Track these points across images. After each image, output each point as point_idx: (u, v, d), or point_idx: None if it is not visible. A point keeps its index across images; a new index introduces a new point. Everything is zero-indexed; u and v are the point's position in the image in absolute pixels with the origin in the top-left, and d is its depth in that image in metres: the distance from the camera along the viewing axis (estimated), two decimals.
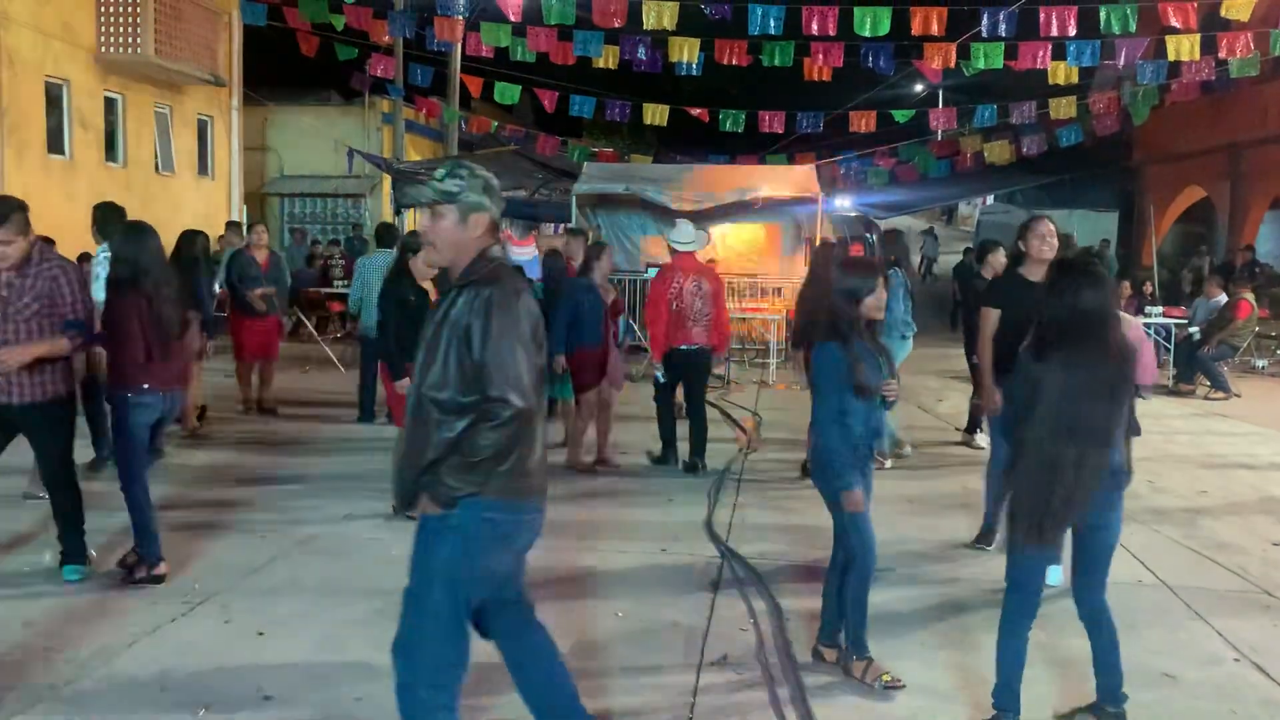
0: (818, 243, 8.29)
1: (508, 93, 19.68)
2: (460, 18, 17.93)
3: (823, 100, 21.31)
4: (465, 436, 2.98)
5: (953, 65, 17.06)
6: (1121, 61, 17.01)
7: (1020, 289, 5.75)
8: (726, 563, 5.76)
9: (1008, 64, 16.58)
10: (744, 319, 14.73)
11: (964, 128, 22.78)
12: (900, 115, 21.07)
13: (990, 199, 31.65)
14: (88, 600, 4.95)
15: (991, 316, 5.91)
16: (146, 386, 5.07)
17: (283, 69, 22.70)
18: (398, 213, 20.67)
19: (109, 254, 7.22)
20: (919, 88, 29.27)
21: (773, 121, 19.68)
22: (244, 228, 11.98)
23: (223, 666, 4.23)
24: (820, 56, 17.06)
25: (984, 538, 6.13)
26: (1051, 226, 5.92)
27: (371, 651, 4.28)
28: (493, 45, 17.15)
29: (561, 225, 23.54)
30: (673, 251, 8.28)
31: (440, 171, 3.10)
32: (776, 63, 17.09)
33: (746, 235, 16.80)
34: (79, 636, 4.50)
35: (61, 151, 16.44)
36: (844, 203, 27.17)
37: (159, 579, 5.15)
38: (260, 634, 4.59)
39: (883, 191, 25.48)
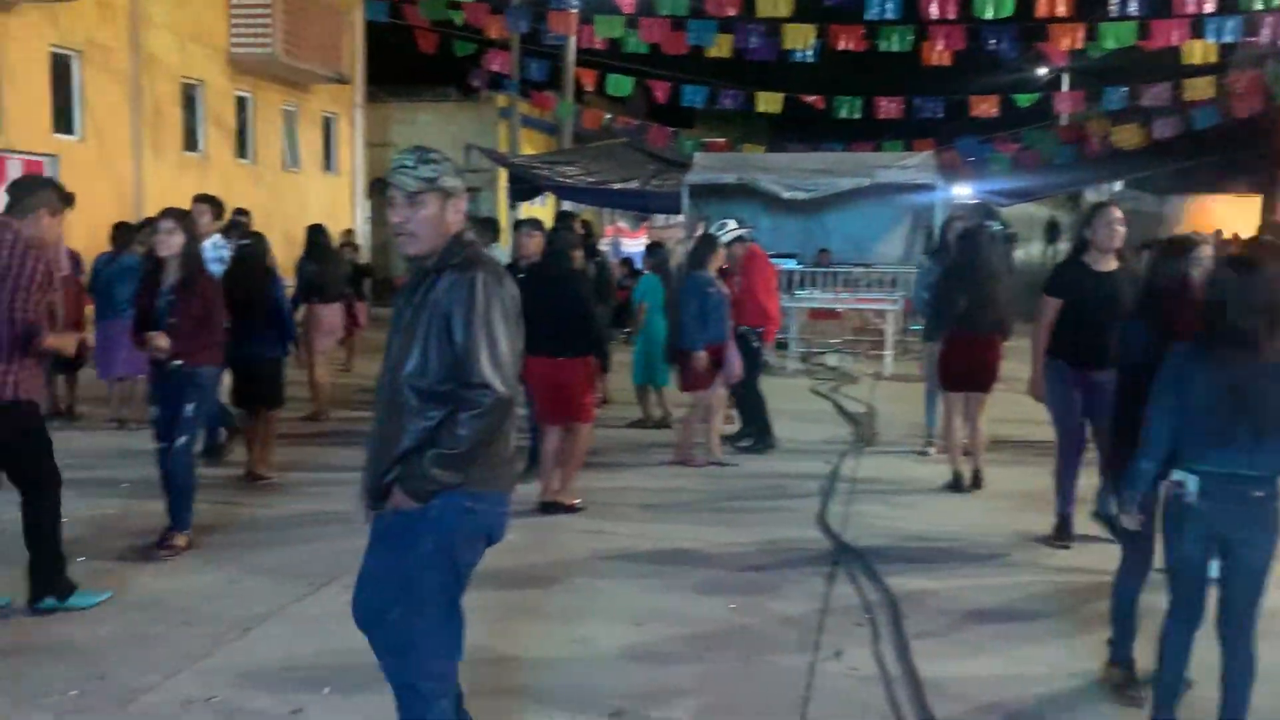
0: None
1: (621, 85, 19.76)
2: (574, 11, 18.07)
3: (942, 85, 20.78)
4: (444, 426, 2.82)
5: (1080, 46, 16.42)
6: (1266, 37, 16.11)
7: (1085, 278, 5.57)
8: (840, 557, 5.67)
9: (1139, 44, 15.87)
10: (858, 310, 14.48)
11: (1091, 111, 21.91)
12: (1023, 99, 20.41)
13: (1119, 185, 30.36)
14: (222, 578, 5.16)
15: (1051, 306, 5.72)
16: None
17: (402, 67, 23.25)
18: (513, 206, 20.99)
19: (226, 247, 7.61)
20: (1043, 70, 28.26)
21: (889, 107, 19.29)
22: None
23: (343, 647, 4.33)
24: (940, 40, 16.64)
25: (1061, 535, 5.91)
26: (1120, 214, 5.66)
27: (491, 637, 4.36)
28: (606, 37, 17.23)
29: (670, 218, 23.61)
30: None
31: (409, 159, 2.92)
32: (895, 48, 16.75)
33: (861, 224, 16.52)
34: (212, 613, 4.69)
35: (196, 149, 17.20)
36: (963, 190, 26.43)
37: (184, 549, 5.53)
38: None
39: (1004, 178, 24.71)
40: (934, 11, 15.82)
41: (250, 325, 6.84)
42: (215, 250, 7.41)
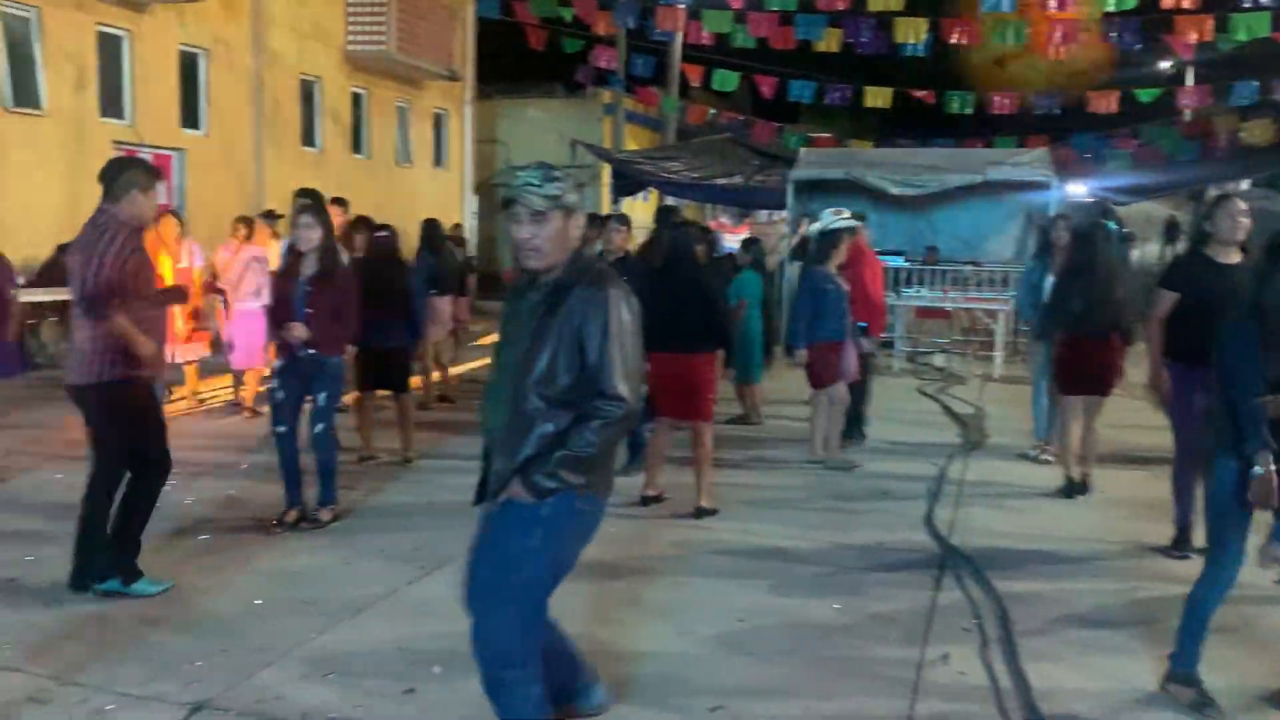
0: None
1: (727, 80, 19.70)
2: (682, 6, 18.09)
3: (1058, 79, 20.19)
4: (573, 431, 2.97)
5: (1209, 39, 15.76)
6: None
7: (1206, 272, 5.33)
8: (947, 560, 5.57)
9: (1275, 35, 15.16)
10: (967, 309, 14.17)
11: (1218, 106, 21.01)
12: (1145, 94, 19.69)
13: (1245, 183, 29.03)
14: (337, 559, 5.34)
15: (1166, 299, 5.50)
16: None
17: (510, 63, 23.61)
18: (616, 201, 21.11)
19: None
20: (1166, 64, 27.20)
21: (1003, 103, 18.83)
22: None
23: (452, 630, 4.43)
24: (1058, 34, 16.16)
25: (1179, 545, 5.68)
26: (1244, 205, 5.39)
27: (591, 626, 4.42)
28: (714, 32, 17.20)
29: (773, 214, 23.44)
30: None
31: (535, 176, 3.02)
32: (1009, 41, 16.32)
33: (971, 221, 16.14)
34: (328, 592, 4.86)
35: (313, 144, 17.74)
36: (1078, 188, 25.63)
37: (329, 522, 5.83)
38: None
39: (1122, 175, 23.87)
40: (1052, 5, 15.37)
41: (384, 314, 7.10)
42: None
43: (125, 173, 4.74)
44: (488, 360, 6.07)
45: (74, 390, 4.72)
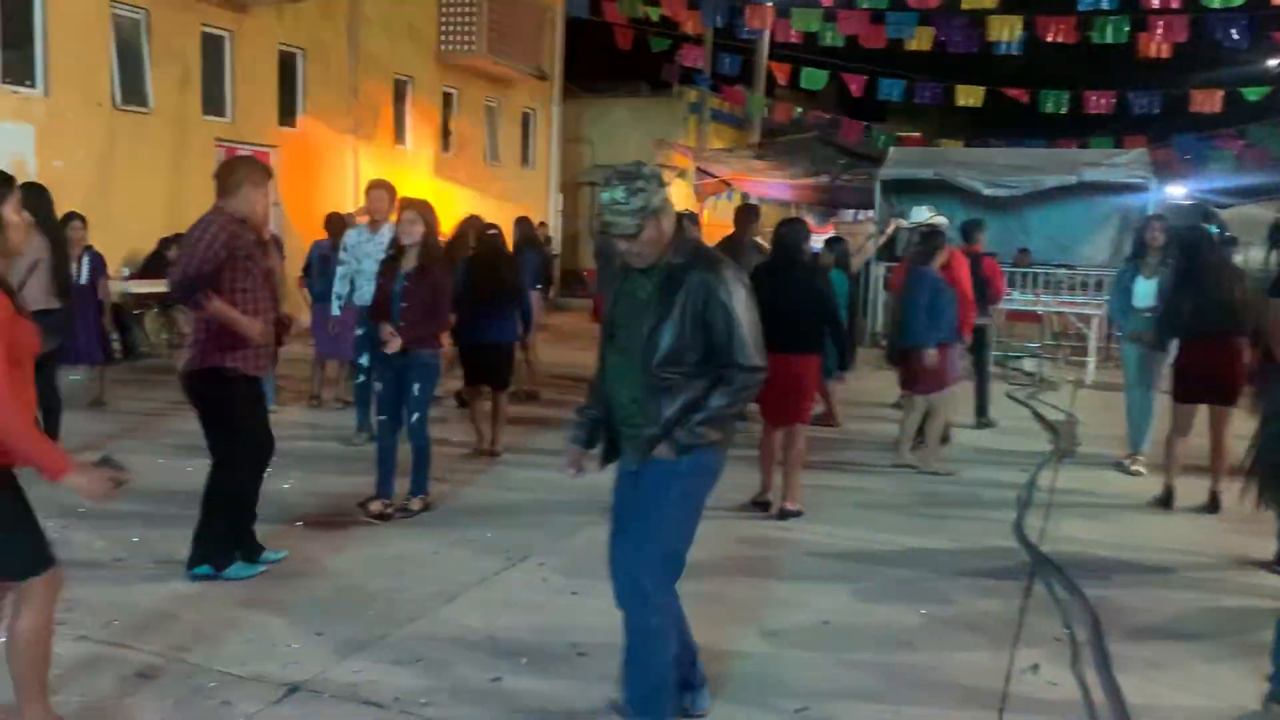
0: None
1: (815, 78, 19.54)
2: (770, 5, 17.99)
3: (1158, 78, 19.58)
4: (711, 394, 3.27)
5: None
6: None
7: None
8: (1037, 568, 5.46)
9: None
10: (1060, 313, 13.85)
11: None
12: (1251, 93, 18.98)
13: None
14: (427, 548, 5.45)
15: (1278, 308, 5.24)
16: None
17: (597, 62, 23.74)
18: (699, 200, 21.09)
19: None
20: (1276, 61, 26.18)
21: (1099, 102, 18.33)
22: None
23: (539, 623, 4.52)
24: (1159, 31, 15.69)
25: None
26: None
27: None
28: (802, 31, 17.08)
29: (858, 213, 23.17)
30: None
31: (619, 193, 3.19)
32: (1109, 39, 15.89)
33: (1065, 223, 15.78)
34: (418, 579, 4.96)
35: (404, 142, 18.07)
36: (1178, 189, 24.85)
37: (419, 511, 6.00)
38: (574, 593, 4.86)
39: (1225, 176, 23.06)
40: (1154, 1, 14.91)
41: (494, 310, 7.29)
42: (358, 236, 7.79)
43: (238, 170, 4.90)
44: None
45: (180, 378, 4.91)
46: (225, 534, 4.96)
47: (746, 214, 9.22)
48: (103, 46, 12.52)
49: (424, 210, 5.96)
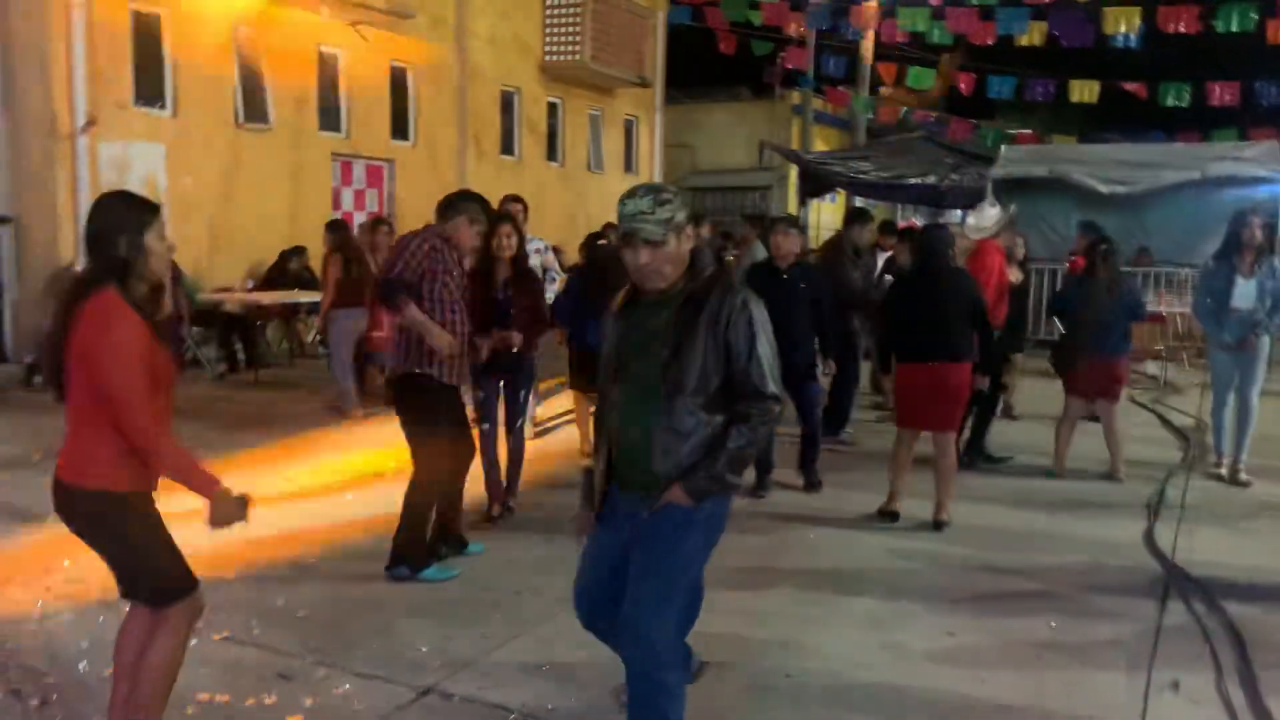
0: None
1: (922, 77, 19.21)
2: (875, 5, 17.76)
3: None
4: (731, 432, 3.09)
5: None
6: None
7: None
8: (1172, 581, 5.26)
9: None
10: (1184, 314, 13.30)
11: None
12: None
13: None
14: (553, 553, 5.51)
15: None
16: None
17: (698, 67, 23.77)
18: (803, 203, 20.94)
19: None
20: None
21: (1224, 94, 17.58)
22: None
23: None
24: None
25: None
26: None
27: (803, 632, 4.41)
28: (908, 30, 16.82)
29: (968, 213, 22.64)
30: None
31: (646, 204, 3.08)
32: (1234, 28, 15.23)
33: (1187, 221, 15.15)
34: (542, 585, 5.01)
35: (511, 152, 18.38)
36: None
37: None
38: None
39: None
40: None
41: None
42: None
43: (461, 204, 5.26)
44: None
45: (385, 383, 5.23)
46: (421, 536, 5.18)
47: (856, 217, 9.09)
48: (227, 67, 13.05)
49: (514, 223, 6.12)
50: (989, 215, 7.64)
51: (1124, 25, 15.49)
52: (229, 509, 3.07)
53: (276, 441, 8.22)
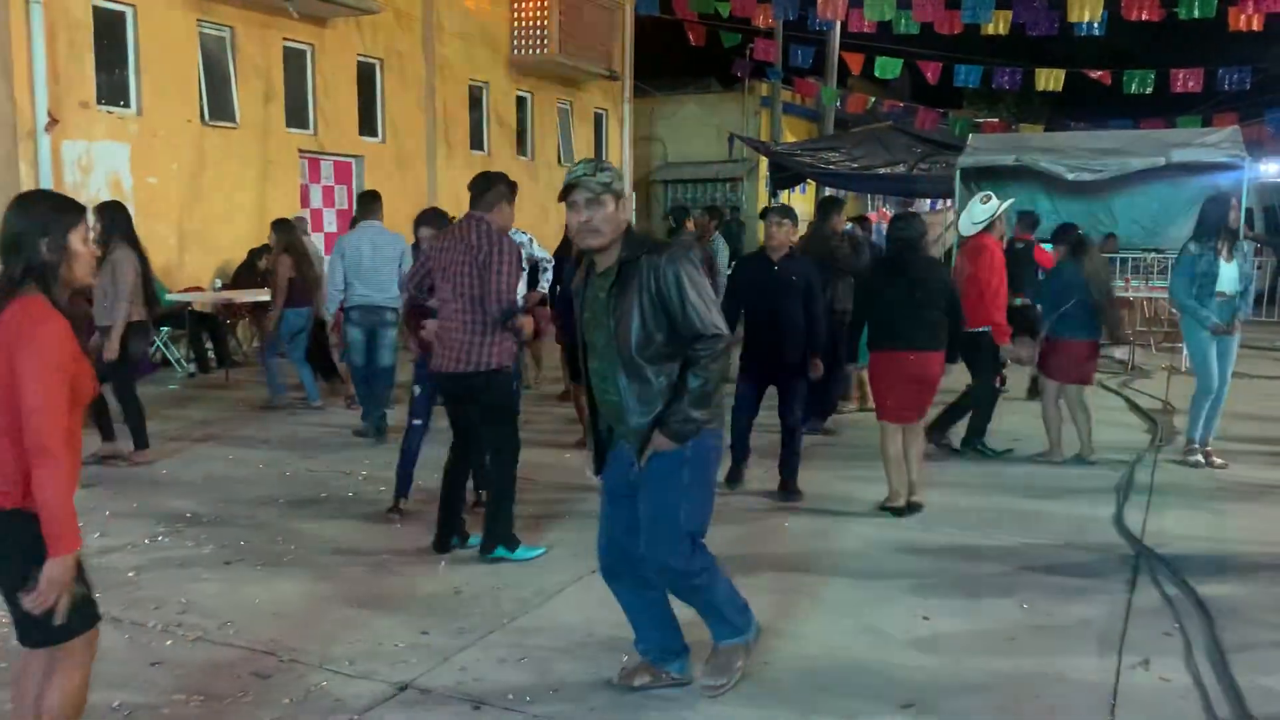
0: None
1: (889, 67, 19.29)
2: None
3: (1250, 53, 18.92)
4: (687, 375, 3.49)
5: None
6: None
7: None
8: (1141, 561, 5.34)
9: None
10: (1151, 299, 13.48)
11: None
12: None
13: None
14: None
15: None
16: None
17: (666, 60, 23.76)
18: (774, 194, 20.97)
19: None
20: None
21: (1187, 80, 17.78)
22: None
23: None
24: (1250, 3, 15.17)
25: None
26: None
27: (781, 619, 4.45)
28: (875, 20, 16.88)
29: (937, 202, 22.79)
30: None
31: (587, 168, 3.52)
32: (1195, 15, 15.41)
33: (1152, 206, 15.32)
34: (518, 579, 5.04)
35: (481, 148, 18.29)
36: (1270, 167, 23.97)
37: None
38: None
39: None
40: None
41: None
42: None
43: (495, 186, 5.26)
44: None
45: (451, 377, 5.20)
46: (511, 518, 5.33)
47: (830, 205, 9.12)
48: (191, 65, 12.91)
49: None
50: (980, 210, 7.69)
51: (1088, 13, 15.62)
52: (65, 580, 2.68)
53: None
